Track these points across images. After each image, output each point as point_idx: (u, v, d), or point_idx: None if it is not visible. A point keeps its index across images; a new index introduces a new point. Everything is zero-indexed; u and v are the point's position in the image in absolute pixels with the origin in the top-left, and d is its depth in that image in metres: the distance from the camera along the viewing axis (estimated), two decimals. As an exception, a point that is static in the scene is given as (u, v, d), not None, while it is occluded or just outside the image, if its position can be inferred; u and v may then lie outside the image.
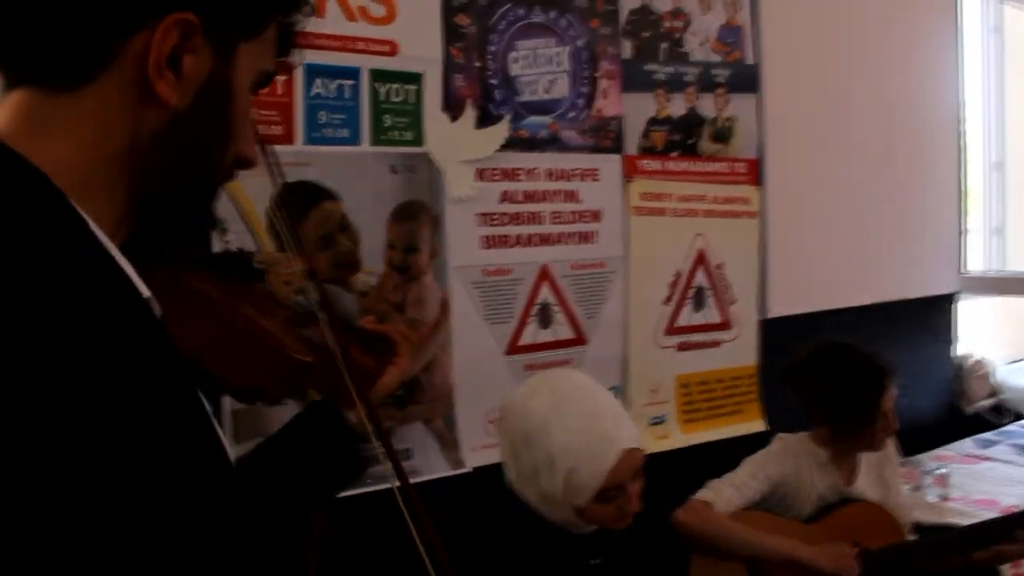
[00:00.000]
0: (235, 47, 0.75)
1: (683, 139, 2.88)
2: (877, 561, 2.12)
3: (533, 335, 2.58)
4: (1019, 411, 3.92)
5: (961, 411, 3.90)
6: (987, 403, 3.96)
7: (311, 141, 2.17)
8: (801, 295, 3.17)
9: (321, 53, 2.16)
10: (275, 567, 0.85)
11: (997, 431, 3.71)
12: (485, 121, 2.46)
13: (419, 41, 2.33)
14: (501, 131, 2.48)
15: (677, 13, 2.85)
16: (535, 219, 2.58)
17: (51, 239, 0.63)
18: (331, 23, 2.18)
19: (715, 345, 2.98)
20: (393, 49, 2.29)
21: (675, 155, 2.86)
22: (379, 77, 2.27)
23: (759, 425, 3.02)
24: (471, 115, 2.43)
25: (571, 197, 2.64)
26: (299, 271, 1.19)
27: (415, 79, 2.33)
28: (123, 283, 0.68)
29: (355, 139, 2.25)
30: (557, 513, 1.67)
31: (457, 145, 2.40)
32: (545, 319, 2.60)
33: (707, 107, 2.92)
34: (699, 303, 2.94)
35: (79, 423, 0.56)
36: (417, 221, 2.35)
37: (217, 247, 1.97)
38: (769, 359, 3.02)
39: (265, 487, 1.16)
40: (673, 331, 2.89)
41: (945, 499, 2.98)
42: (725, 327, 3.00)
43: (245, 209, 2.04)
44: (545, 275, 2.60)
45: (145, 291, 0.70)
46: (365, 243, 2.25)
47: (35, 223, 0.63)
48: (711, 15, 2.92)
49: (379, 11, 2.26)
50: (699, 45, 2.90)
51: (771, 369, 2.95)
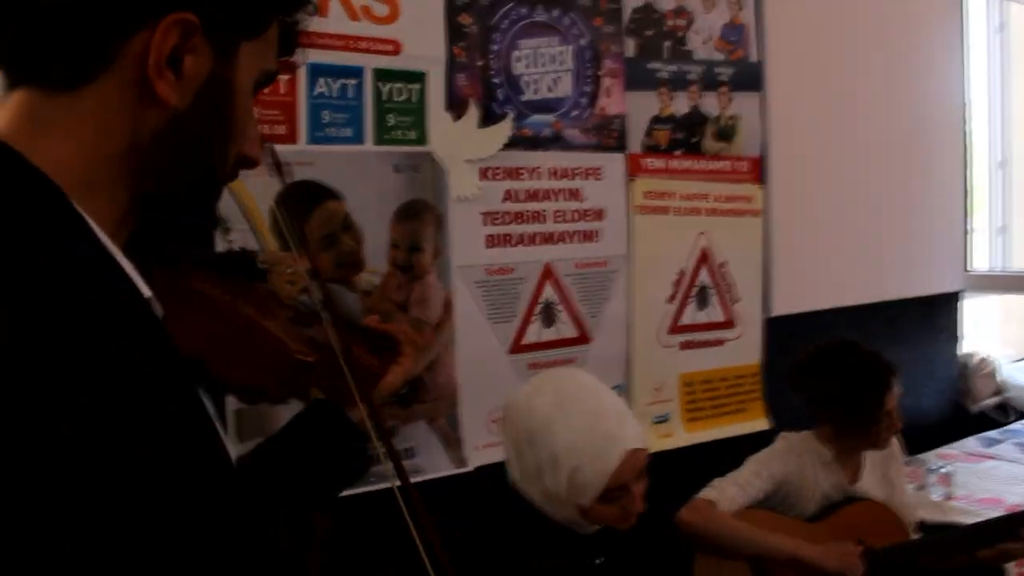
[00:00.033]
0: (236, 47, 0.75)
1: (686, 137, 2.88)
2: (881, 560, 2.11)
3: (537, 334, 2.58)
4: (1024, 410, 3.92)
5: (966, 409, 3.89)
6: (992, 401, 3.95)
7: (314, 140, 2.17)
8: (805, 294, 3.16)
9: (324, 52, 2.16)
10: (276, 567, 0.85)
11: (1002, 430, 3.70)
12: (488, 120, 2.46)
13: (422, 40, 2.33)
14: (504, 130, 2.48)
15: (680, 11, 2.84)
16: (538, 218, 2.57)
17: (51, 239, 0.63)
18: (334, 22, 2.18)
19: (719, 344, 2.98)
20: (396, 48, 2.29)
21: (678, 153, 2.86)
22: (382, 76, 2.27)
23: (763, 424, 3.02)
24: (474, 114, 2.43)
25: (574, 196, 2.64)
26: (302, 270, 1.19)
27: (418, 78, 2.33)
28: (124, 283, 0.68)
29: (358, 138, 2.25)
30: (561, 512, 1.66)
31: (460, 144, 2.40)
32: (548, 318, 2.60)
33: (710, 105, 2.92)
34: (703, 302, 2.94)
35: (79, 423, 0.56)
36: (420, 220, 2.35)
37: (220, 246, 1.98)
38: (773, 358, 3.02)
39: (266, 486, 1.16)
40: (677, 330, 2.88)
41: (949, 498, 2.98)
42: (729, 326, 3.00)
43: (248, 208, 2.04)
44: (548, 274, 2.60)
45: (146, 291, 0.70)
46: (368, 242, 2.25)
47: (35, 223, 0.64)
48: (714, 13, 2.91)
49: (382, 10, 2.26)
50: (702, 43, 2.90)
51: (775, 368, 2.95)
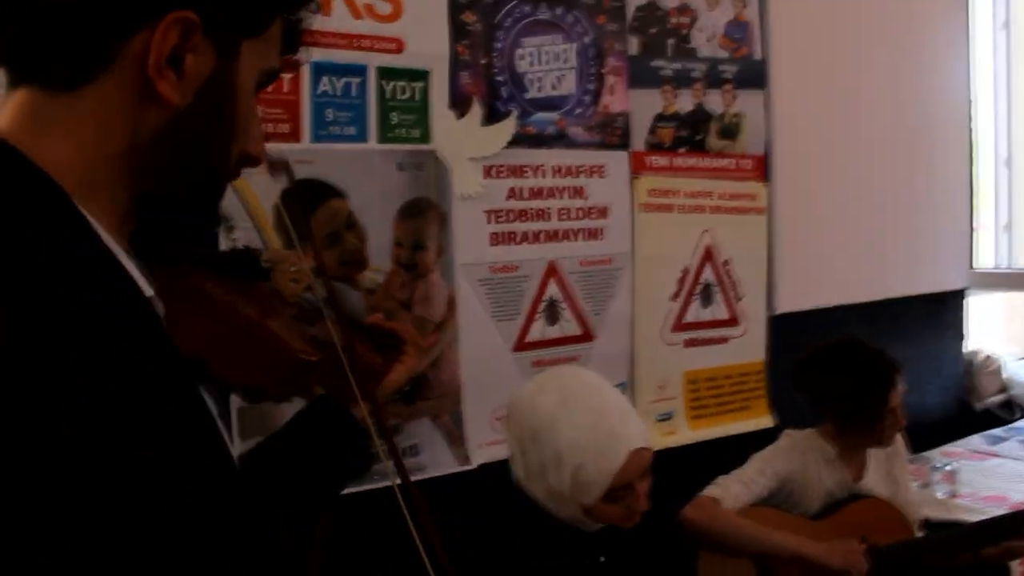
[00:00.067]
0: (238, 45, 0.75)
1: (690, 135, 2.87)
2: (886, 557, 2.11)
3: (540, 332, 2.58)
4: (1029, 407, 3.91)
5: (971, 407, 3.88)
6: (997, 399, 3.94)
7: (318, 139, 2.17)
8: (809, 291, 3.16)
9: (327, 51, 2.16)
10: (277, 566, 0.85)
11: (1007, 427, 3.69)
12: (492, 118, 2.45)
13: (425, 38, 2.33)
14: (508, 128, 2.48)
15: (684, 9, 2.84)
16: (542, 216, 2.57)
17: (52, 238, 0.64)
18: (337, 20, 2.18)
19: (723, 341, 2.97)
20: (400, 46, 2.29)
21: (682, 151, 2.86)
22: (386, 74, 2.27)
23: (767, 421, 3.01)
24: (478, 112, 2.43)
25: (578, 193, 2.64)
26: (306, 268, 1.19)
27: (422, 76, 2.33)
28: (124, 283, 0.68)
29: (362, 137, 2.24)
30: (564, 510, 1.66)
31: (464, 142, 2.40)
32: (552, 316, 2.60)
33: (714, 103, 2.91)
34: (707, 299, 2.93)
35: (79, 423, 0.56)
36: (424, 218, 2.35)
37: (224, 244, 1.98)
38: (777, 355, 3.01)
39: (268, 485, 1.16)
40: (681, 327, 2.88)
41: (954, 495, 2.97)
42: (733, 323, 2.99)
43: (252, 206, 2.04)
44: (552, 272, 2.60)
45: (148, 290, 0.70)
46: (372, 241, 2.25)
47: (36, 222, 0.64)
48: (718, 11, 2.91)
49: (385, 9, 2.26)
50: (706, 41, 2.89)
51: (779, 365, 2.95)
